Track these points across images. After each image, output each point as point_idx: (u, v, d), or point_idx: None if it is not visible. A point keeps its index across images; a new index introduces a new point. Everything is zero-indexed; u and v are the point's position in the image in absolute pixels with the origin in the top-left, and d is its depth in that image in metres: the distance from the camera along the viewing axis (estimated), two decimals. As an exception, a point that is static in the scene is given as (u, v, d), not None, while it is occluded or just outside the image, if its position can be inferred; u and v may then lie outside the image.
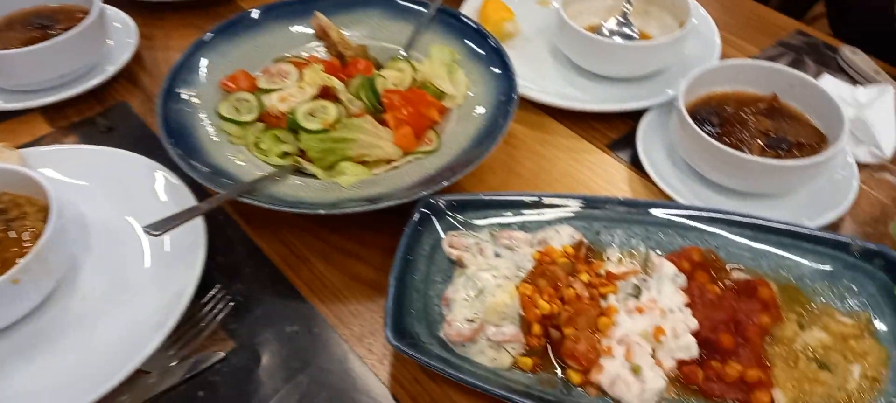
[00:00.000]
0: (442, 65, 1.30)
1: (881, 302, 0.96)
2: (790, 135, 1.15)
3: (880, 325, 0.95)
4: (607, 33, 1.46)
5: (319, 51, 1.37)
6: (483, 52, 1.30)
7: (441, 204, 1.09)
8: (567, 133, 1.35)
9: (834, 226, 1.15)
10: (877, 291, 0.97)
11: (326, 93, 1.23)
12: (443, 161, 1.15)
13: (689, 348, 0.92)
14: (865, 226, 1.15)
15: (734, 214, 1.06)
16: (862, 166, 1.22)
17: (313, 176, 1.15)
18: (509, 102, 1.19)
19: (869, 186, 1.21)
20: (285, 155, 1.18)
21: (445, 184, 1.07)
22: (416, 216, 1.07)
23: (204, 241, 1.04)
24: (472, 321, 0.95)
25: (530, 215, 1.11)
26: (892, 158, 1.22)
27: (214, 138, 1.18)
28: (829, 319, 0.96)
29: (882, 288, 0.97)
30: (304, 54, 1.36)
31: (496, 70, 1.26)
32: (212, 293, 1.05)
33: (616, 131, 1.34)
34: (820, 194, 1.16)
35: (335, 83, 1.22)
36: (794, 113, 1.19)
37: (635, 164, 1.26)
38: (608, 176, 1.27)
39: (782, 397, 0.88)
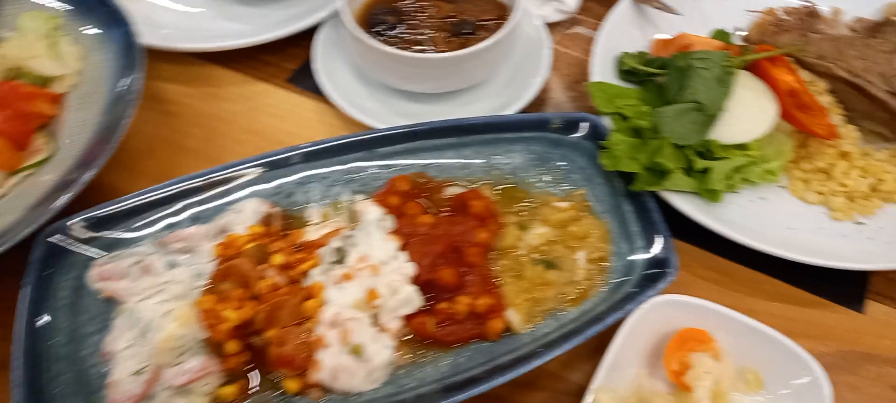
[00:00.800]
0: (39, 38, 1.03)
1: (591, 173, 0.95)
2: (472, 15, 1.08)
3: (595, 199, 0.94)
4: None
5: None
6: (89, 7, 1.05)
7: (74, 228, 0.87)
8: (239, 78, 1.17)
9: (542, 100, 1.13)
10: (586, 162, 0.96)
11: None
12: (64, 167, 0.92)
13: (411, 300, 0.84)
14: (570, 91, 1.15)
15: (432, 124, 0.98)
16: (555, 26, 1.20)
17: None
18: (133, 64, 0.97)
19: (565, 46, 1.20)
20: None
21: (71, 197, 0.85)
22: (38, 256, 0.84)
23: None
24: (140, 372, 0.77)
25: (205, 200, 0.94)
26: (578, 9, 1.21)
27: None
28: (548, 209, 0.93)
29: (590, 157, 0.96)
30: None
31: (109, 27, 1.02)
32: None
33: (294, 60, 1.19)
34: (522, 69, 1.12)
35: None
36: (472, -12, 1.13)
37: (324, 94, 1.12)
38: (296, 117, 1.12)
39: (516, 315, 0.84)
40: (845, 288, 0.90)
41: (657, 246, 0.86)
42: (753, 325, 0.78)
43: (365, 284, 0.84)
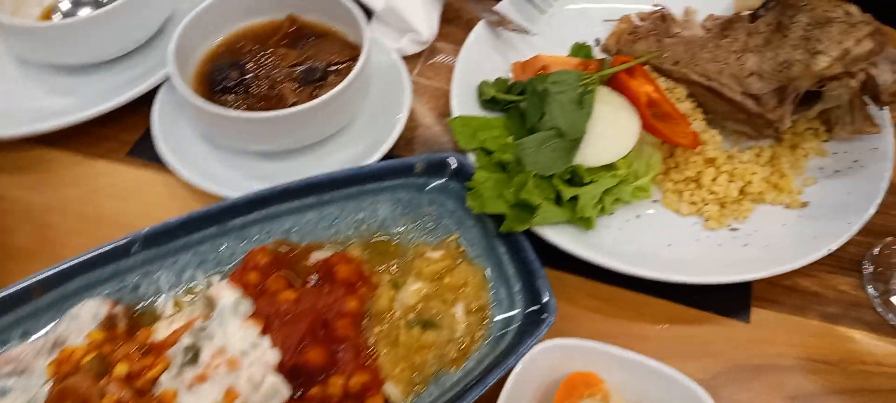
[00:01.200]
0: None
1: (462, 216, 0.91)
2: (320, 58, 1.03)
3: (469, 243, 0.90)
4: (64, 14, 1.15)
5: None
6: None
7: None
8: (72, 159, 1.07)
9: (411, 139, 1.08)
10: (455, 205, 0.92)
11: None
12: None
13: (277, 391, 0.77)
14: (439, 125, 1.10)
15: (287, 185, 0.92)
16: (415, 58, 1.16)
17: None
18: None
19: (428, 77, 1.16)
20: None
21: None
22: None
23: None
24: None
25: (36, 309, 0.84)
26: (435, 38, 1.17)
27: None
28: (421, 261, 0.88)
29: (459, 198, 0.92)
30: None
31: None
32: None
33: (134, 130, 1.09)
34: (383, 109, 1.06)
35: None
36: (319, 29, 1.07)
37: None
38: (141, 195, 1.03)
39: (394, 388, 0.79)
40: (730, 298, 0.90)
41: (534, 288, 0.83)
42: (637, 359, 0.76)
43: (222, 383, 0.76)
